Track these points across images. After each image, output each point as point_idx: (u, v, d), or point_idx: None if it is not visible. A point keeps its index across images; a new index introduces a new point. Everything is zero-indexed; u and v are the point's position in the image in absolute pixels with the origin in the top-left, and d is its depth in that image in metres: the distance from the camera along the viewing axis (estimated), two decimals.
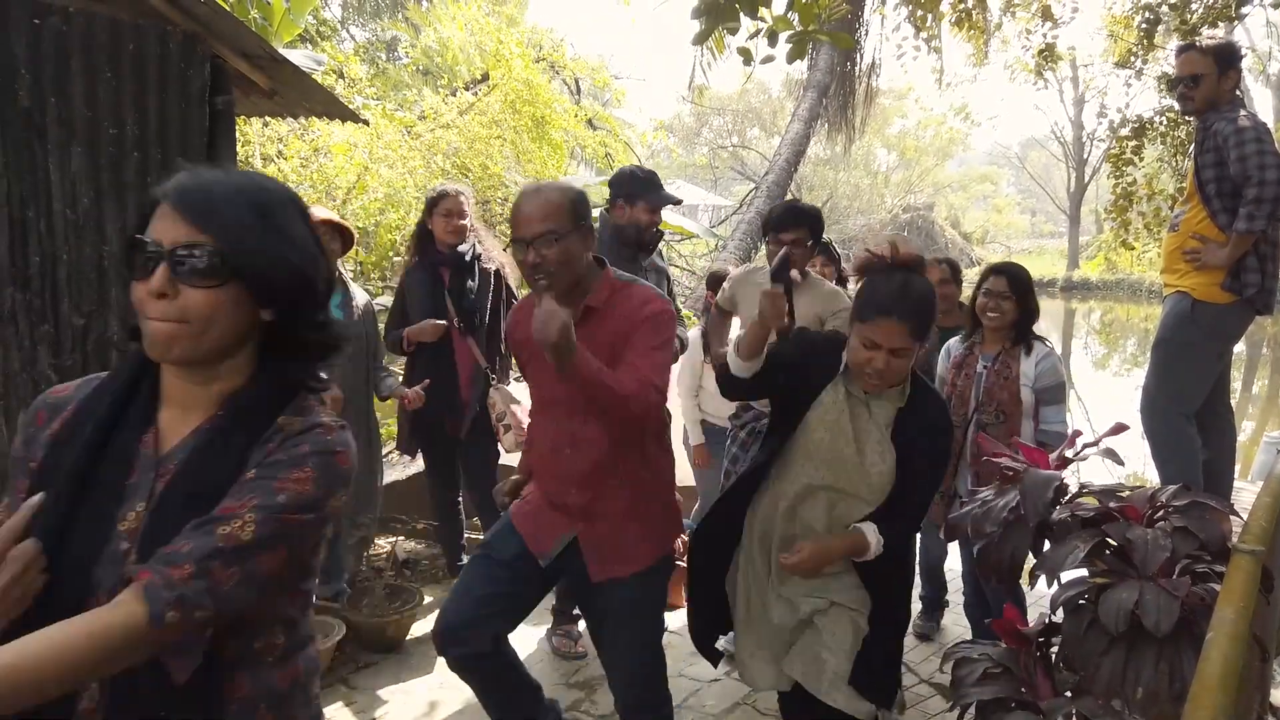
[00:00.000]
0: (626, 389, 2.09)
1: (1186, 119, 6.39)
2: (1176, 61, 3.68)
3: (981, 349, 3.29)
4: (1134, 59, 7.71)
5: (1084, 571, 1.93)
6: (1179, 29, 6.79)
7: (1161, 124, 7.18)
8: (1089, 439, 2.35)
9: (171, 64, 3.35)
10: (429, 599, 3.93)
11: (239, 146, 4.50)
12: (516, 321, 2.37)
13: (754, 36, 3.23)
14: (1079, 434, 2.43)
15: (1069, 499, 2.09)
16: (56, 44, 3.05)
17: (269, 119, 6.02)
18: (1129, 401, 4.48)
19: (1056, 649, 2.03)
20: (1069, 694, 1.90)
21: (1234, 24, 7.14)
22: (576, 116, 8.94)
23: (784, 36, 3.12)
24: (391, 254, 6.91)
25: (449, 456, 3.96)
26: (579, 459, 2.23)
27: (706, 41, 4.40)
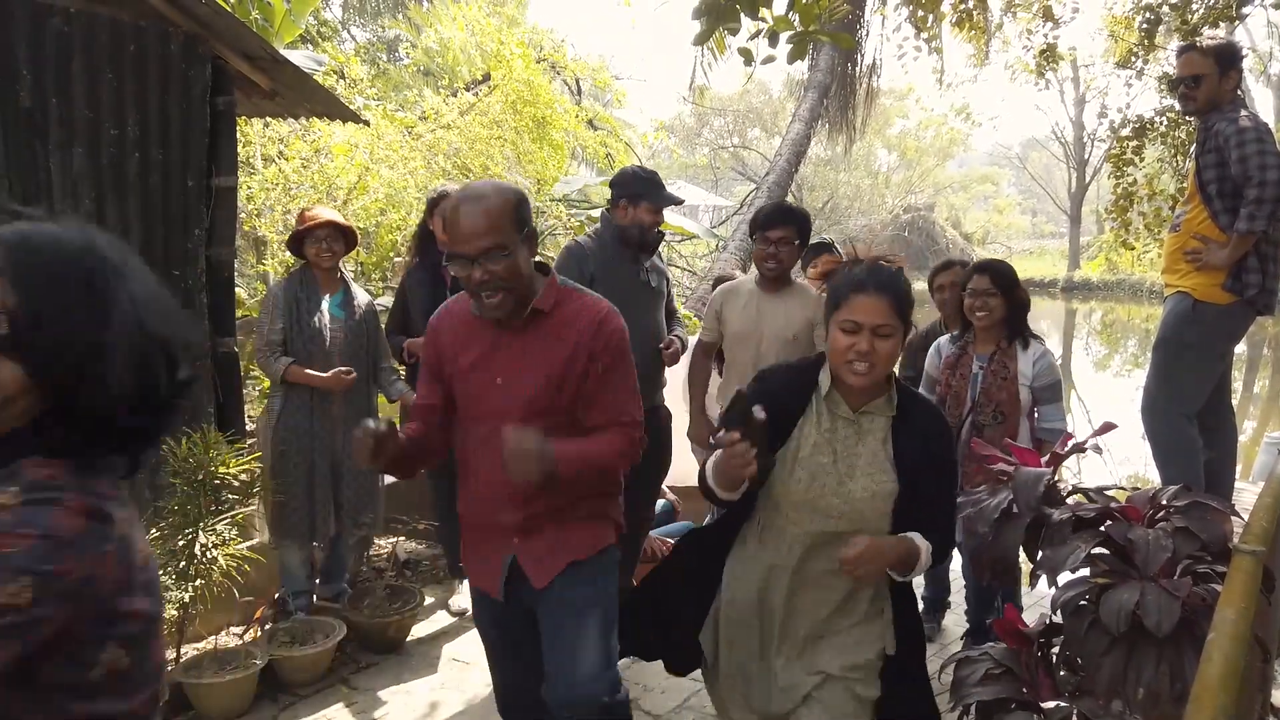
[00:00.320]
0: (615, 450, 2.01)
1: (1187, 119, 6.39)
2: (1177, 62, 3.68)
3: (975, 348, 3.28)
4: (1135, 59, 7.71)
5: (1085, 572, 1.93)
6: (1180, 29, 6.78)
7: (1162, 124, 7.17)
8: (1081, 439, 2.35)
9: (173, 65, 3.35)
10: (430, 599, 3.94)
11: (240, 147, 4.51)
12: (438, 329, 2.17)
13: (755, 37, 3.23)
14: (1070, 435, 2.43)
15: (1063, 498, 2.09)
16: (58, 45, 3.05)
17: (270, 119, 6.02)
18: (1130, 402, 4.48)
19: (1058, 650, 2.03)
20: (1070, 694, 1.90)
21: (1235, 24, 7.14)
22: (577, 117, 8.92)
23: (785, 37, 3.12)
24: (392, 254, 6.90)
25: (451, 457, 3.96)
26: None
27: (707, 42, 4.40)
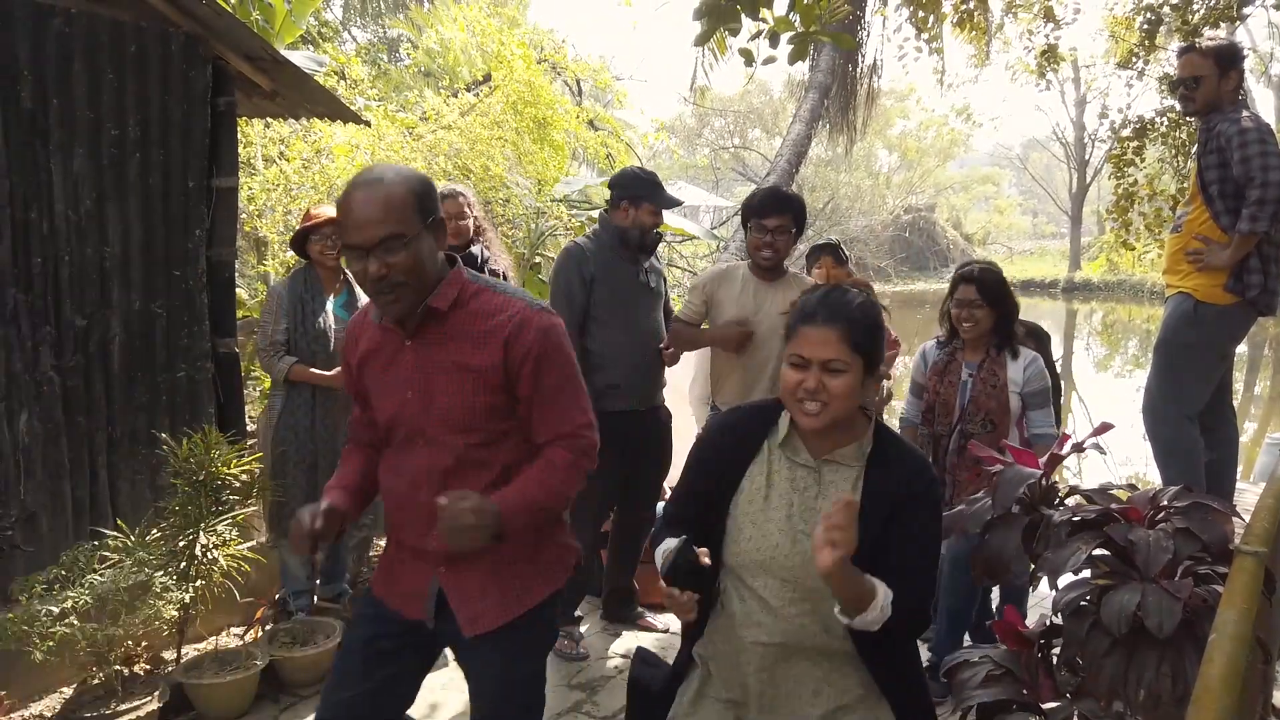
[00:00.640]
0: (564, 471, 1.82)
1: (1188, 120, 6.39)
2: (1177, 63, 3.69)
3: (964, 355, 3.24)
4: (1135, 60, 7.70)
5: (1086, 573, 1.93)
6: (1180, 30, 6.78)
7: (1163, 125, 7.17)
8: (1078, 440, 2.35)
9: (174, 65, 3.36)
10: None
11: (241, 148, 4.51)
12: (354, 334, 1.96)
13: (755, 38, 3.22)
14: (1068, 436, 2.43)
15: (1062, 499, 2.10)
16: (59, 45, 3.05)
17: (271, 120, 6.03)
18: (1130, 403, 4.48)
19: (1058, 651, 2.03)
20: (1071, 696, 1.90)
21: (1236, 25, 7.13)
22: (578, 118, 8.92)
23: (785, 37, 3.12)
24: None
25: None
26: (436, 494, 1.79)
27: (708, 43, 4.40)
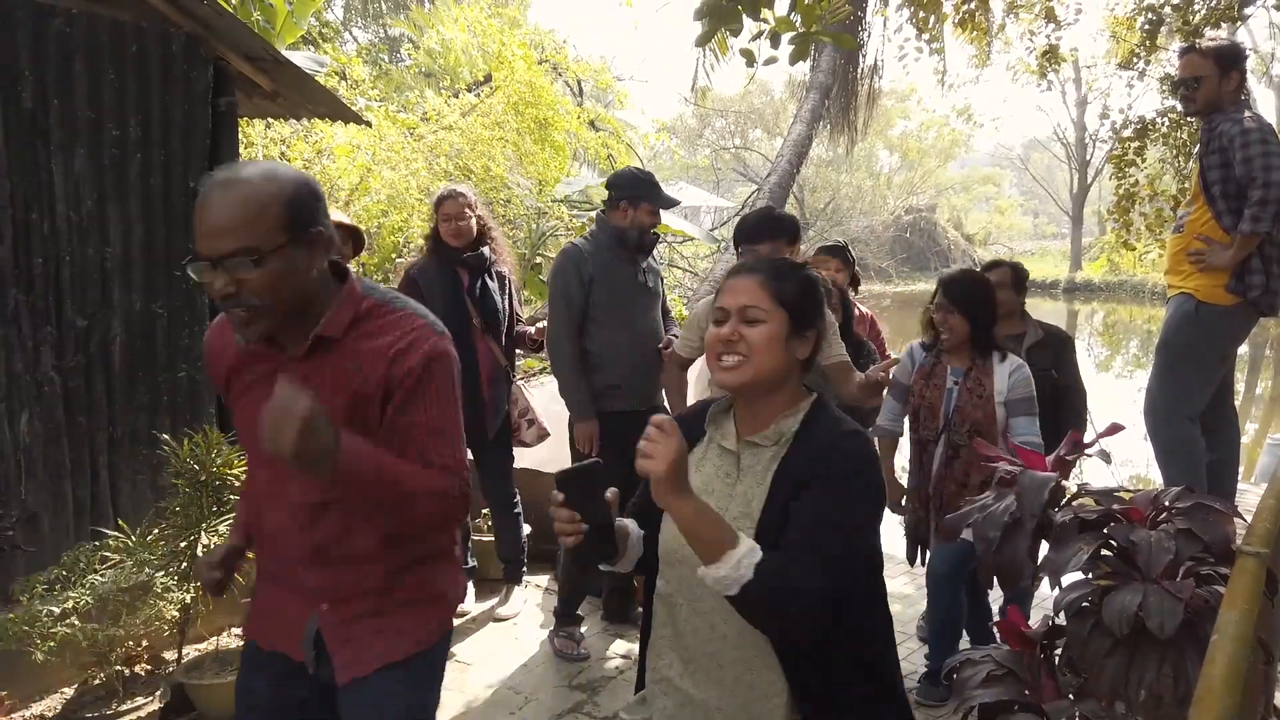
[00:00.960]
0: (430, 484, 1.54)
1: (1189, 120, 6.39)
2: (1178, 64, 3.69)
3: (950, 361, 3.22)
4: (1136, 60, 7.70)
5: (1088, 574, 1.93)
6: (1181, 30, 6.78)
7: (1164, 125, 7.17)
8: (1087, 441, 2.34)
9: (174, 66, 3.36)
10: None
11: (242, 148, 4.51)
12: (215, 349, 1.70)
13: (757, 38, 3.23)
14: (1077, 435, 2.41)
15: (1067, 501, 2.09)
16: (60, 46, 3.05)
17: (272, 120, 6.03)
18: (1132, 404, 4.48)
19: (1060, 651, 2.03)
20: (1072, 697, 1.90)
21: (1237, 25, 7.13)
22: (579, 118, 8.94)
23: (787, 38, 3.12)
24: (395, 256, 6.91)
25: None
26: (314, 529, 1.60)
27: (709, 43, 4.40)
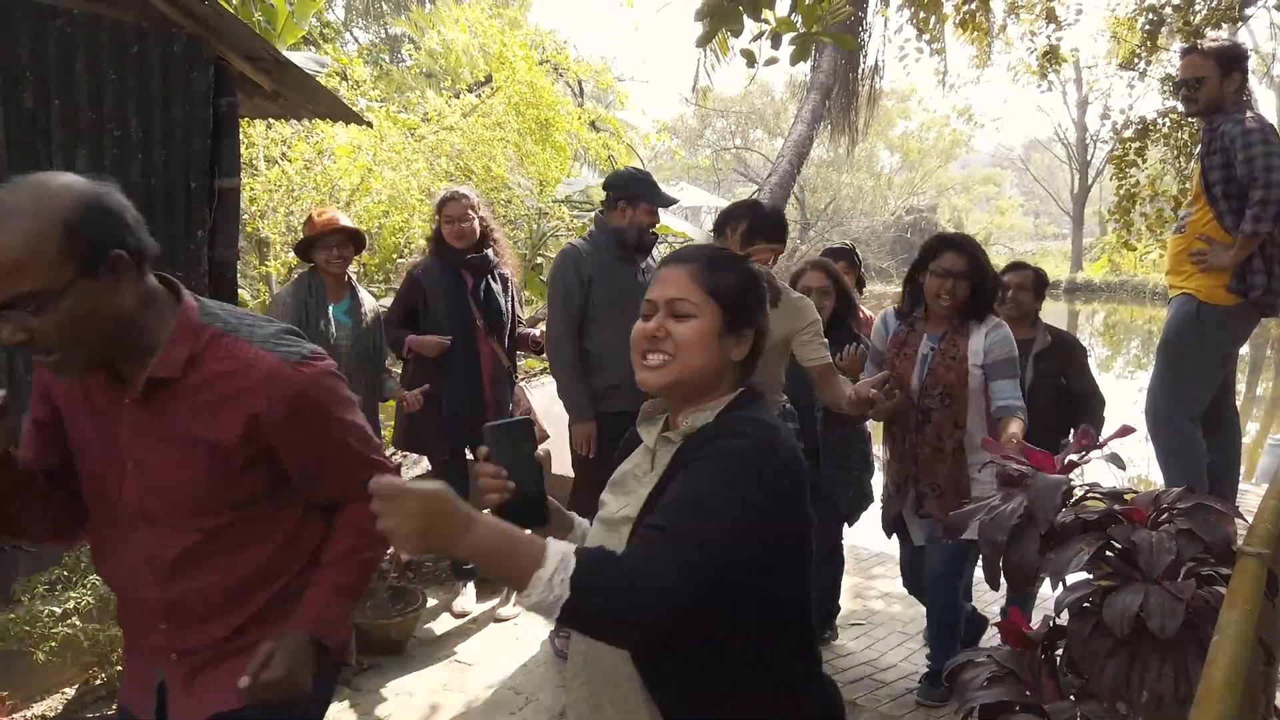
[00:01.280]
0: (373, 542, 1.50)
1: (1189, 120, 6.38)
2: (1180, 64, 3.69)
3: (927, 327, 3.07)
4: (1137, 61, 7.70)
5: (1089, 574, 1.92)
6: (1182, 30, 6.78)
7: (1164, 126, 7.16)
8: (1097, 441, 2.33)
9: (175, 66, 3.35)
10: (432, 601, 3.94)
11: (243, 149, 4.51)
12: (46, 381, 1.51)
13: (758, 38, 3.22)
14: (1085, 435, 2.40)
15: (1076, 501, 2.08)
16: (61, 46, 3.05)
17: (273, 121, 6.03)
18: (1133, 404, 4.48)
19: (1061, 652, 2.02)
20: (1074, 697, 1.90)
21: (1237, 25, 7.13)
22: (580, 119, 8.93)
23: (787, 38, 3.12)
24: (396, 256, 6.91)
25: (461, 457, 3.98)
26: (166, 585, 1.46)
27: (710, 43, 4.40)
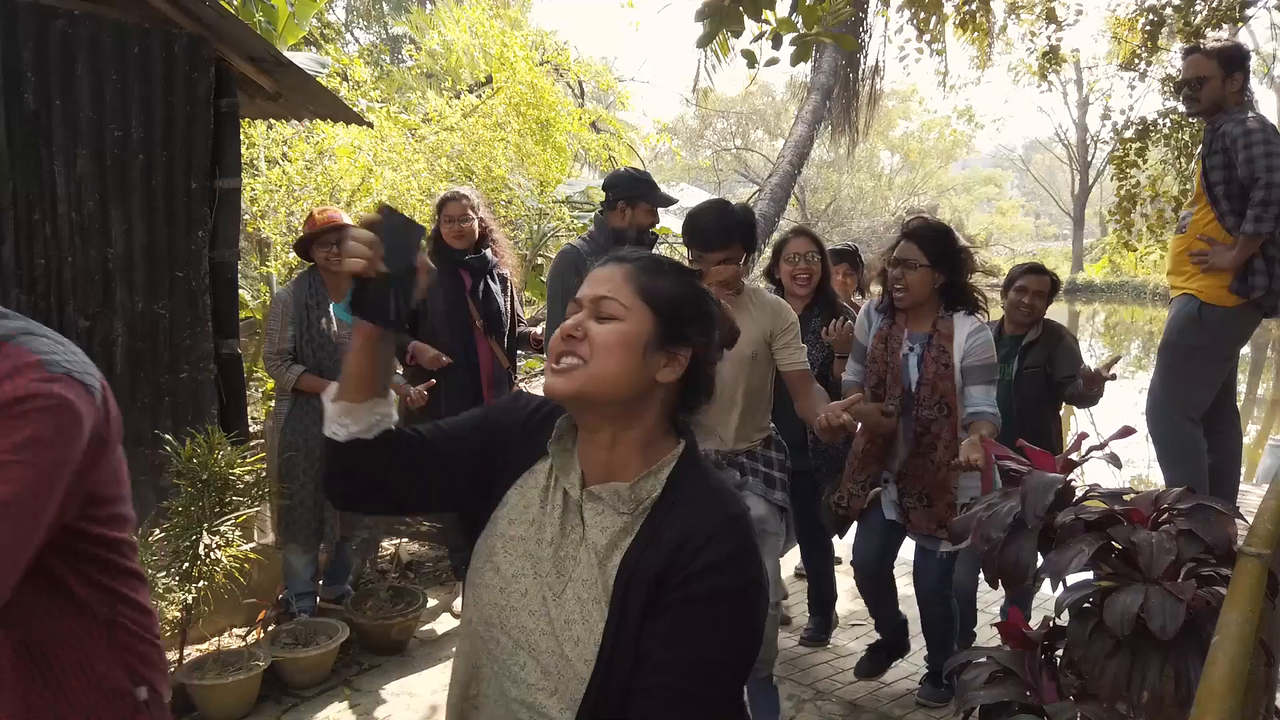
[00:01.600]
0: None
1: (1190, 121, 6.39)
2: (1181, 64, 3.69)
3: (909, 326, 2.90)
4: (1138, 61, 7.69)
5: (1089, 575, 1.92)
6: (1182, 31, 6.77)
7: (1165, 126, 7.16)
8: (1089, 444, 2.33)
9: (177, 67, 3.36)
10: (433, 601, 3.94)
11: (243, 149, 4.52)
12: None
13: (758, 39, 3.23)
14: (1084, 436, 2.41)
15: (1076, 501, 2.08)
16: (62, 47, 3.05)
17: (274, 121, 6.04)
18: (1134, 405, 4.47)
19: (1061, 653, 2.02)
20: (1074, 697, 1.90)
21: (1238, 26, 7.13)
22: (580, 119, 8.94)
23: (788, 39, 3.13)
24: None
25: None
26: None
27: (711, 44, 4.40)
